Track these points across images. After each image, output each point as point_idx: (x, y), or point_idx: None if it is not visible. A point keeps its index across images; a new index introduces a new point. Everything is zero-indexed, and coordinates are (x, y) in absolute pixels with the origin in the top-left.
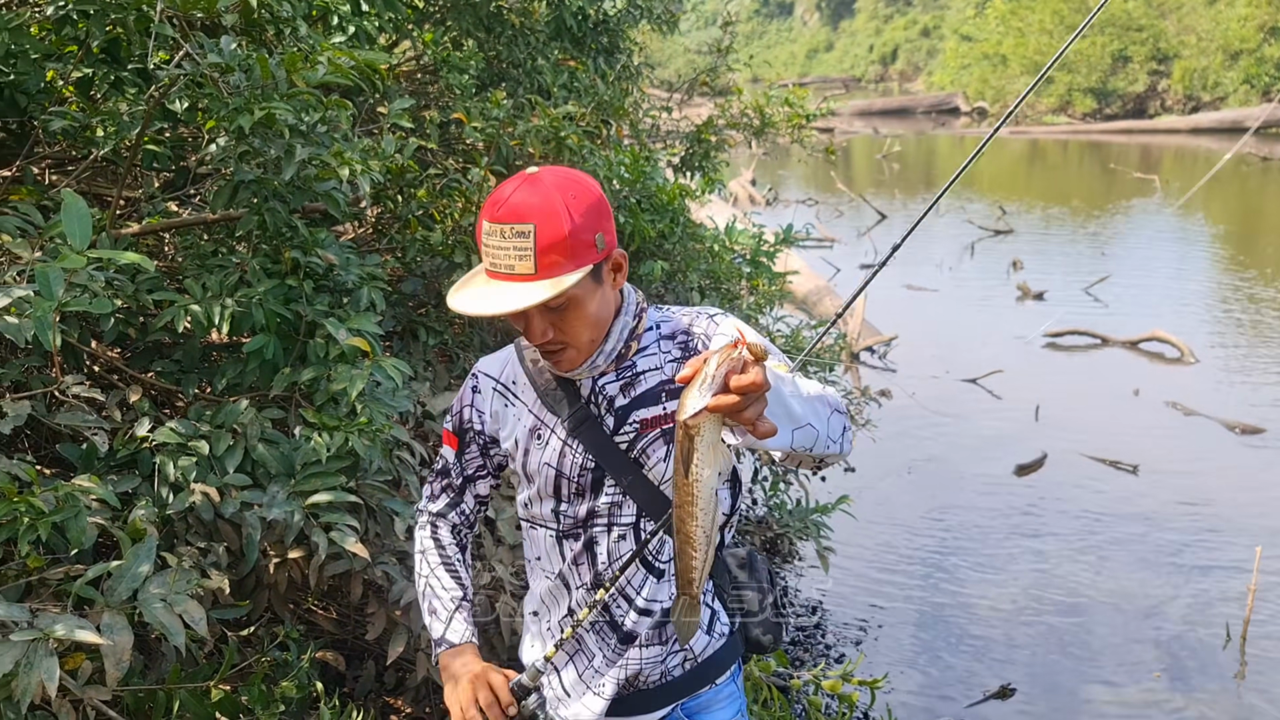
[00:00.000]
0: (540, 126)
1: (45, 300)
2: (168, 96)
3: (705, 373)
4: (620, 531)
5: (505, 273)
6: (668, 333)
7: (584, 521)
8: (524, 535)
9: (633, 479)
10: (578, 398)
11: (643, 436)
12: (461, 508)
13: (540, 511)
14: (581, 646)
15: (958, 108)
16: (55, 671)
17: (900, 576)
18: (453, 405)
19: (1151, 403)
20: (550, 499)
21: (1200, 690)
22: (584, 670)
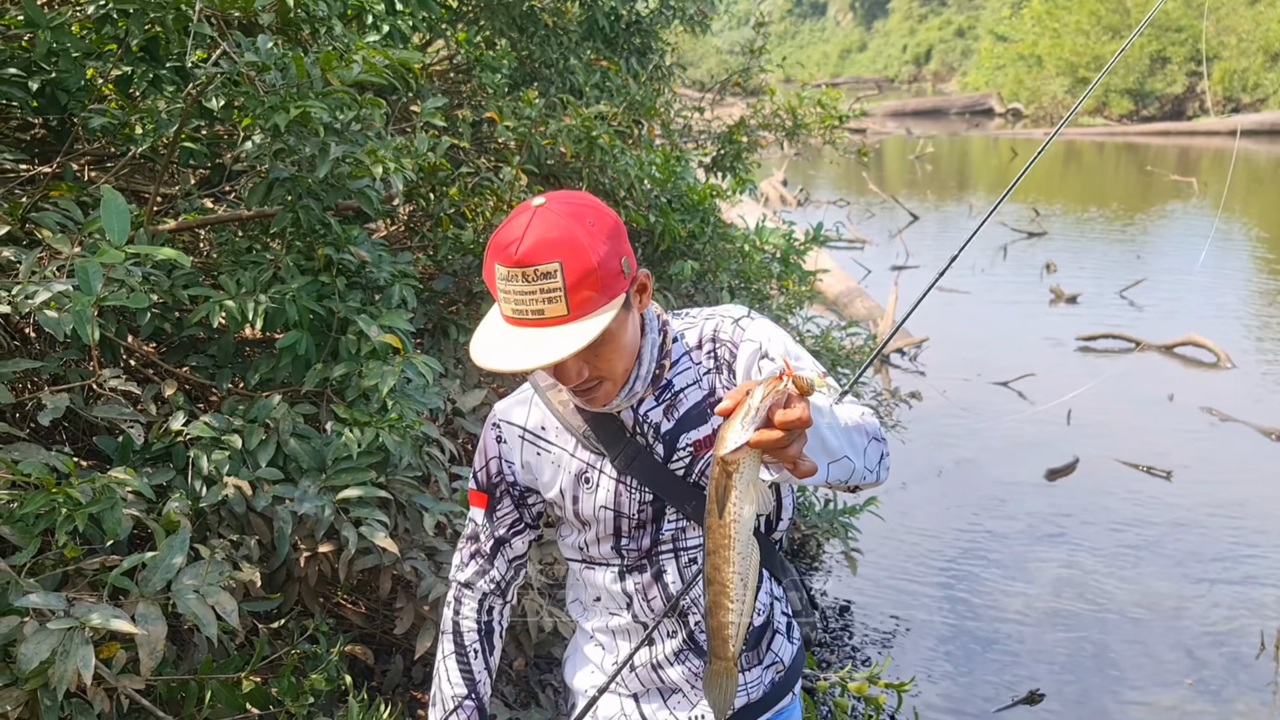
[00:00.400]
0: (572, 126)
1: (84, 295)
2: (205, 94)
3: (749, 405)
4: (690, 555)
5: (534, 318)
6: (694, 342)
7: (649, 552)
8: (574, 577)
9: (695, 504)
10: (621, 432)
11: (698, 459)
12: (492, 574)
13: (599, 552)
14: (664, 681)
15: (992, 109)
16: (91, 660)
17: (928, 579)
18: (475, 460)
19: (1186, 408)
20: (610, 538)
21: (1233, 700)
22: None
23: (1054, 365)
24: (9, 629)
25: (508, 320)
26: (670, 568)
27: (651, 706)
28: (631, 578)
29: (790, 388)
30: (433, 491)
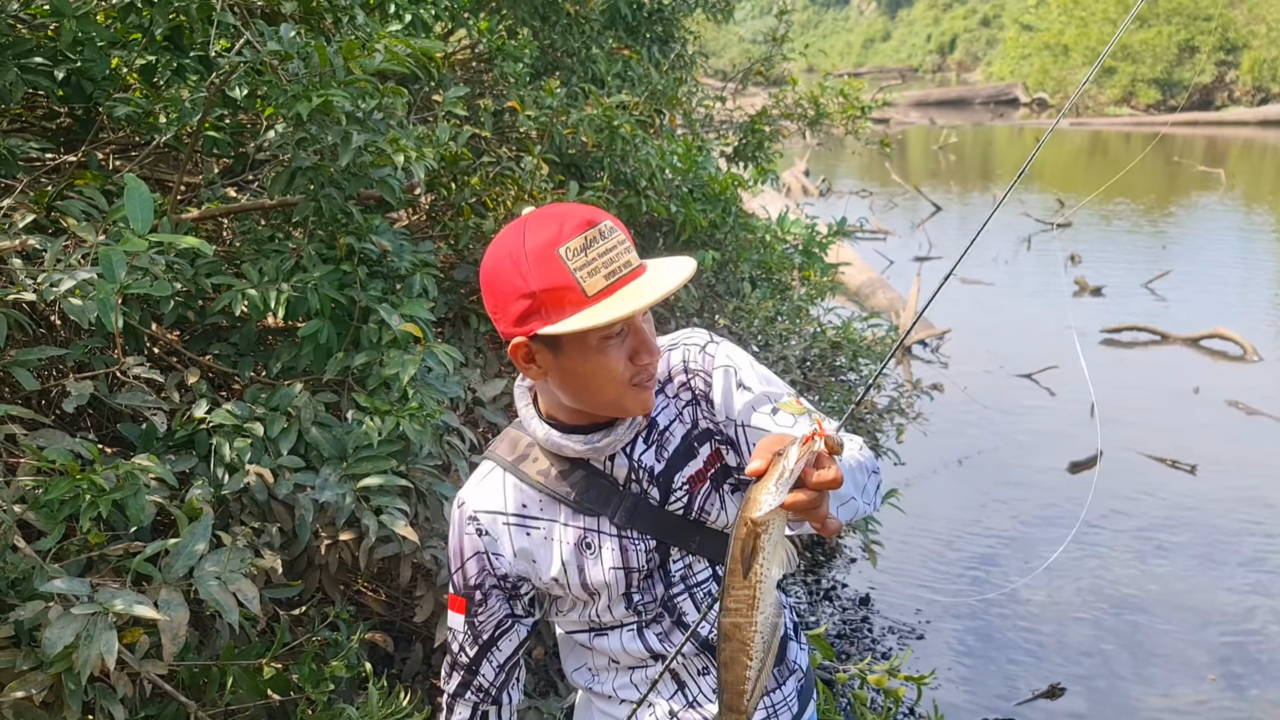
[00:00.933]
0: (593, 115)
1: (108, 283)
2: (228, 83)
3: (784, 467)
4: (703, 591)
5: (627, 272)
6: (663, 375)
7: (665, 599)
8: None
9: (700, 538)
10: (613, 487)
11: (695, 495)
12: (478, 683)
13: (613, 616)
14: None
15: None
16: (114, 645)
17: (949, 572)
18: (449, 562)
19: (1212, 401)
20: (622, 600)
21: (1258, 696)
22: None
23: (1078, 357)
24: (34, 614)
25: (603, 294)
26: (688, 608)
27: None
28: (652, 630)
29: (821, 447)
30: (453, 480)
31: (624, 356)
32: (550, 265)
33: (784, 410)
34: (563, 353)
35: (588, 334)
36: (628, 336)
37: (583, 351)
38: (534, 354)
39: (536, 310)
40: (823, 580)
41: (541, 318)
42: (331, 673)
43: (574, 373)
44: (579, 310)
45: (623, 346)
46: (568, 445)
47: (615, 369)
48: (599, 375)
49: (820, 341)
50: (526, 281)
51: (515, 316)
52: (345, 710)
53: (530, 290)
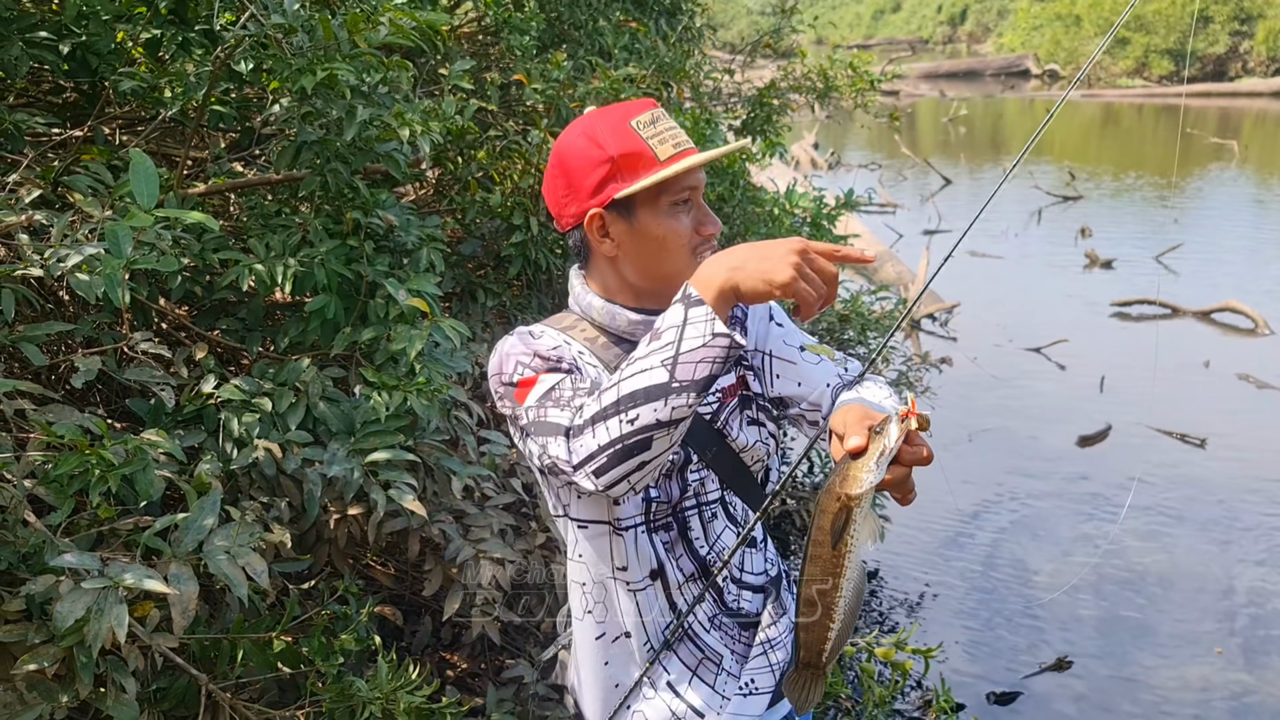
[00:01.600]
0: (600, 88)
1: (114, 258)
2: (233, 57)
3: (885, 446)
4: (710, 510)
5: (688, 145)
6: None
7: (675, 505)
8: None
9: (717, 450)
10: None
11: (725, 406)
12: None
13: (628, 511)
14: (704, 651)
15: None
16: (125, 618)
17: (957, 546)
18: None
19: (1222, 375)
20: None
21: (1265, 668)
22: (715, 677)
23: (1088, 331)
24: (45, 588)
25: (672, 159)
26: (695, 523)
27: (698, 693)
28: (659, 536)
29: (914, 425)
30: (460, 455)
31: (690, 225)
32: (625, 134)
33: (810, 350)
34: (636, 218)
35: (660, 198)
36: (693, 209)
37: (655, 215)
38: (608, 226)
39: (614, 175)
40: None
41: (618, 182)
42: (341, 646)
43: (646, 237)
44: (652, 173)
45: (689, 216)
46: (625, 314)
47: (683, 232)
48: (669, 239)
49: (828, 314)
50: (604, 149)
51: (592, 187)
52: (355, 683)
53: (609, 156)
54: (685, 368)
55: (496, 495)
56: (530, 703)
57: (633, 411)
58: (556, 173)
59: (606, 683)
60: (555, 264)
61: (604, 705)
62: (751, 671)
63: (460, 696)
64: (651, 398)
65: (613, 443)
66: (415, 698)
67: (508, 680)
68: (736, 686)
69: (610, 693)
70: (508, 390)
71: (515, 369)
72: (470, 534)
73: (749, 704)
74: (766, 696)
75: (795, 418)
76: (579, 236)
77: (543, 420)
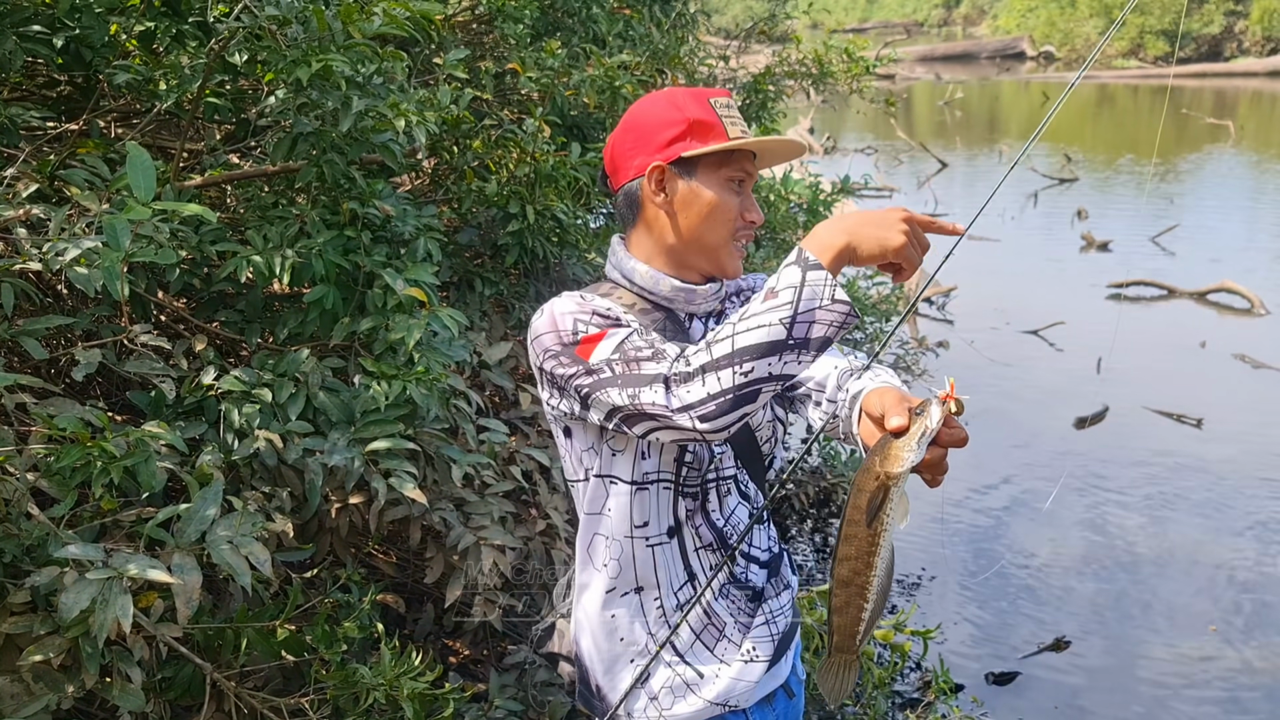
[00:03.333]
0: (595, 76)
1: (113, 251)
2: (227, 49)
3: (927, 426)
4: (726, 485)
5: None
6: (731, 287)
7: (702, 474)
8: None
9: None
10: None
11: None
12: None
13: (659, 463)
14: (711, 618)
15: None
16: (129, 608)
17: (955, 528)
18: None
19: (1219, 355)
20: (674, 447)
21: (1260, 646)
22: (716, 643)
23: (1084, 313)
24: (50, 579)
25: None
26: (714, 496)
27: (699, 657)
28: (683, 501)
29: (953, 408)
30: (460, 443)
31: (739, 206)
32: (704, 106)
33: None
34: (695, 178)
35: (721, 169)
36: (744, 196)
37: (713, 182)
38: (666, 181)
39: (685, 136)
40: (830, 538)
41: (688, 142)
42: (344, 634)
43: (700, 200)
44: (707, 142)
45: (739, 198)
46: (668, 280)
47: (732, 208)
48: (720, 209)
49: None
50: (684, 112)
51: (664, 143)
52: (358, 670)
53: (688, 118)
54: (802, 327)
55: (496, 483)
56: (532, 688)
57: (748, 364)
58: (628, 129)
59: (611, 634)
60: (552, 252)
61: (607, 655)
62: (754, 640)
63: (463, 683)
64: (767, 353)
65: (724, 391)
66: (418, 684)
67: (510, 666)
68: (738, 653)
69: (615, 644)
70: (567, 348)
71: (575, 326)
72: (471, 521)
73: (749, 670)
74: (765, 664)
75: (802, 397)
76: (632, 192)
77: (631, 372)
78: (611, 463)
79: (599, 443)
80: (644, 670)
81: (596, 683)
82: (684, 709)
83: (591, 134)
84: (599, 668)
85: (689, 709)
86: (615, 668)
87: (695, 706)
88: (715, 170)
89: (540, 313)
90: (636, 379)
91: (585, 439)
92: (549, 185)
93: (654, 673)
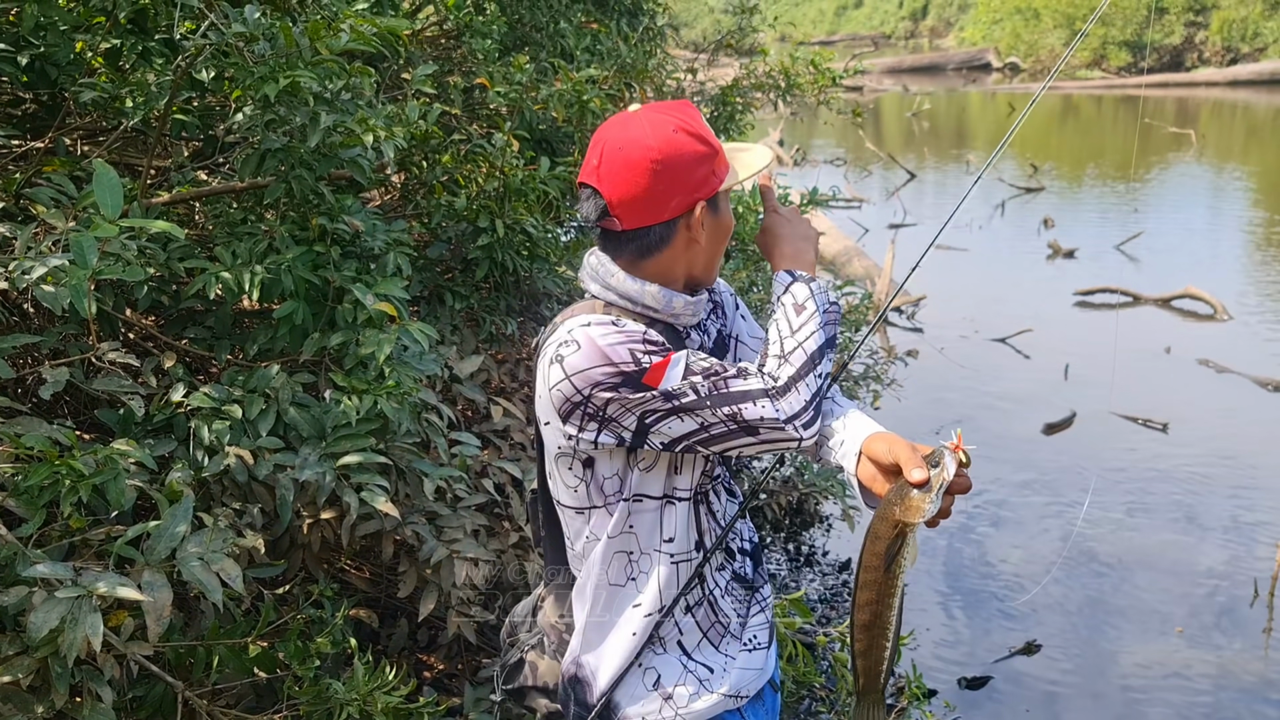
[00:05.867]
0: (563, 90)
1: (80, 269)
2: (194, 66)
3: (944, 479)
4: (723, 484)
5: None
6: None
7: (713, 478)
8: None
9: None
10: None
11: None
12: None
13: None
14: (717, 615)
15: (989, 64)
16: (99, 627)
17: (926, 535)
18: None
19: (1183, 360)
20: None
21: (1226, 647)
22: (721, 638)
23: (1052, 320)
24: (18, 599)
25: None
26: (716, 499)
27: (708, 653)
28: (698, 510)
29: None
30: (432, 457)
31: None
32: (708, 131)
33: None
34: (719, 209)
35: (719, 200)
36: None
37: (725, 206)
38: (704, 216)
39: (714, 169)
40: (803, 546)
41: (716, 176)
42: (317, 649)
43: (723, 228)
44: (726, 169)
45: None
46: (679, 297)
47: (732, 223)
48: (726, 230)
49: None
50: (709, 143)
51: (700, 180)
52: (332, 685)
53: (714, 149)
54: (831, 329)
55: (469, 496)
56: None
57: (820, 367)
58: (655, 168)
59: (629, 646)
60: (522, 265)
61: (620, 666)
62: (753, 629)
63: (437, 697)
64: (826, 354)
65: (815, 396)
66: (392, 698)
67: (485, 680)
68: (740, 644)
69: (631, 655)
70: (630, 377)
71: (634, 355)
72: (444, 535)
73: (753, 658)
74: (764, 651)
75: None
76: (670, 228)
77: (721, 390)
78: (642, 481)
79: (626, 468)
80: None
81: (603, 695)
82: (700, 705)
83: (560, 148)
84: (604, 680)
85: (705, 704)
86: (628, 677)
87: (710, 702)
88: (724, 194)
89: (572, 345)
90: (732, 397)
91: (612, 466)
92: (518, 199)
93: (664, 673)
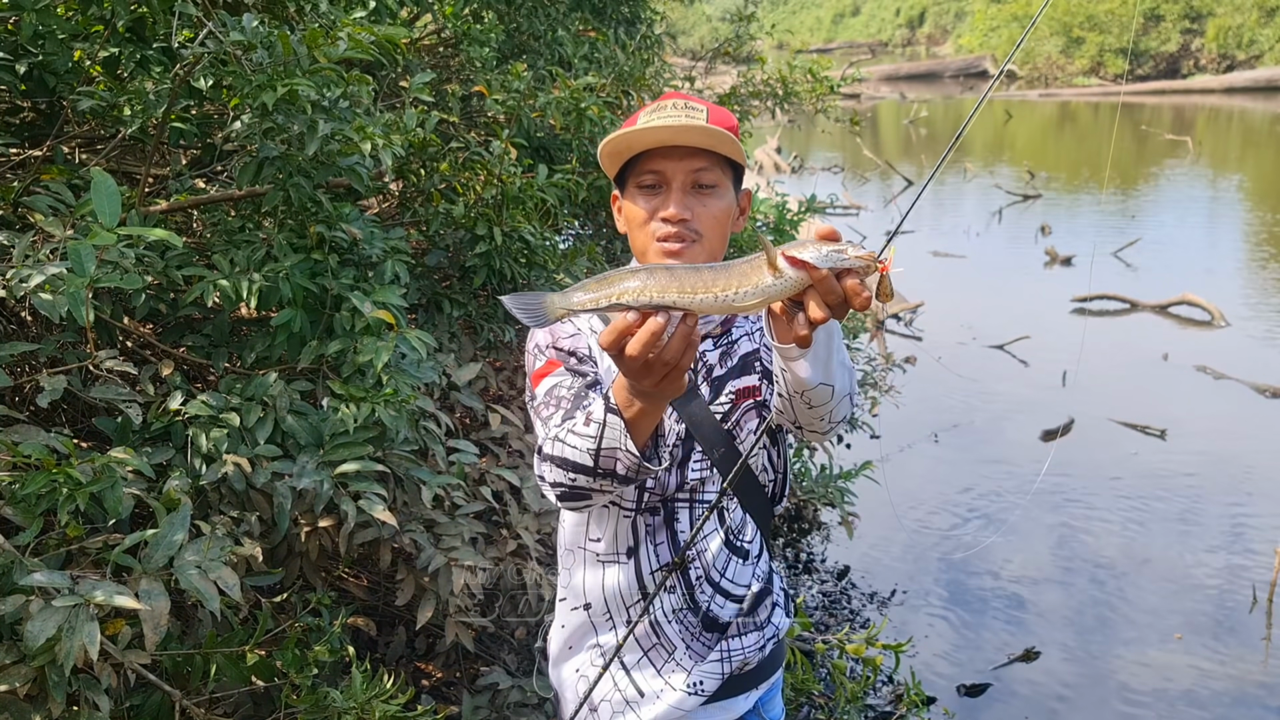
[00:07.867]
0: (561, 98)
1: (77, 277)
2: (192, 74)
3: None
4: (701, 509)
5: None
6: None
7: (670, 496)
8: (568, 520)
9: (725, 451)
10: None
11: (737, 408)
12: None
13: (629, 491)
14: (659, 638)
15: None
16: (96, 636)
17: (925, 542)
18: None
19: (1181, 367)
20: None
21: (1224, 653)
22: (663, 664)
23: (1049, 327)
24: (15, 607)
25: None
26: (684, 517)
27: (645, 675)
28: (643, 519)
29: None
30: (430, 465)
31: (651, 209)
32: (635, 117)
33: None
34: (625, 194)
35: (632, 178)
36: (659, 197)
37: (630, 195)
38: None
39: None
40: (801, 553)
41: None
42: (315, 658)
43: (629, 215)
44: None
45: (652, 201)
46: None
47: (640, 215)
48: (633, 220)
49: None
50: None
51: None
52: (329, 694)
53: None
54: (606, 460)
55: (466, 504)
56: (505, 709)
57: (571, 474)
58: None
59: (561, 644)
60: (520, 273)
61: (557, 660)
62: (702, 673)
63: (435, 705)
64: (580, 471)
65: (559, 484)
66: (390, 707)
67: (483, 688)
68: (684, 681)
69: (564, 652)
70: (529, 374)
71: (534, 356)
72: (441, 543)
73: (687, 701)
74: (703, 699)
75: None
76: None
77: (537, 420)
78: None
79: None
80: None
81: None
82: None
83: (558, 155)
84: (554, 673)
85: None
86: (563, 674)
87: None
88: (634, 180)
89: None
90: (538, 428)
91: None
92: (516, 207)
93: (598, 686)
